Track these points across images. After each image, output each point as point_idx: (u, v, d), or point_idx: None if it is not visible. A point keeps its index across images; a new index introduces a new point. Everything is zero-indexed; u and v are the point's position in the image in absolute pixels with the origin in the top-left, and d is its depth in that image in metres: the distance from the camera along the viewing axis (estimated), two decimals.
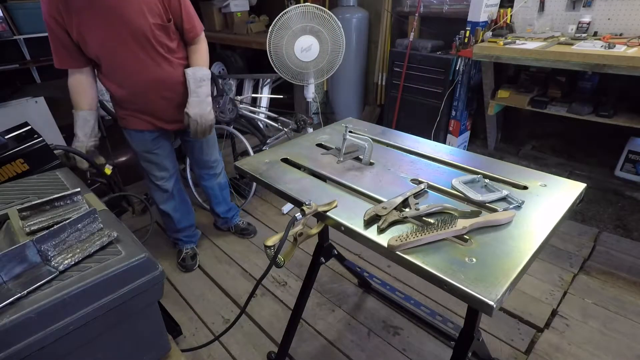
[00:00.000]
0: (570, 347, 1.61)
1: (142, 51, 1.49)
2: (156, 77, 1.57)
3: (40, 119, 2.97)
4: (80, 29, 1.39)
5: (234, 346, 1.70)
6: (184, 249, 2.20)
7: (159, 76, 1.57)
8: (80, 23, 1.38)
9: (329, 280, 2.04)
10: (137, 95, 1.61)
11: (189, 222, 2.15)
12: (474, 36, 2.64)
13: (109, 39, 1.42)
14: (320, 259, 1.40)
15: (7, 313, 0.58)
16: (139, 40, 1.46)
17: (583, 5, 2.43)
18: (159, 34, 1.50)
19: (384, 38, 3.58)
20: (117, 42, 1.44)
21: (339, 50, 2.26)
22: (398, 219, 0.84)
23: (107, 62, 1.50)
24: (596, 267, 2.03)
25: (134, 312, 0.74)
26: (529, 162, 2.99)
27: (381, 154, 1.21)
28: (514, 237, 0.78)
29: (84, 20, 1.37)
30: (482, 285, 0.66)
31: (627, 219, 2.38)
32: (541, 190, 0.96)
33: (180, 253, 2.20)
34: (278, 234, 0.82)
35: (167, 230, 2.18)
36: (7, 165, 1.12)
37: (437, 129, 3.12)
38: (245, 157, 1.23)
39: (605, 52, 2.01)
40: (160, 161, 1.84)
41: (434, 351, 1.63)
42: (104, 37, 1.42)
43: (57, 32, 1.41)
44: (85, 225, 0.73)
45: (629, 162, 2.56)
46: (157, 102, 1.63)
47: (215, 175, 2.12)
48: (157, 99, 1.63)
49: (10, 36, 3.51)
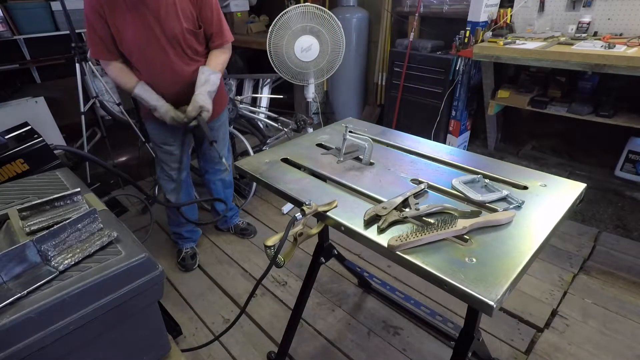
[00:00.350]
0: (570, 347, 1.61)
1: (172, 51, 1.60)
2: (182, 76, 1.66)
3: (40, 119, 2.98)
4: (118, 24, 1.49)
5: (234, 346, 1.70)
6: (184, 248, 2.20)
7: (185, 76, 1.67)
8: (119, 20, 1.49)
9: (329, 280, 2.04)
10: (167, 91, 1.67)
11: (192, 216, 2.17)
12: (474, 36, 2.64)
13: (144, 37, 1.53)
14: (320, 259, 1.40)
15: (7, 313, 0.58)
16: (171, 42, 1.58)
17: (583, 5, 2.43)
18: (189, 38, 1.62)
19: (384, 38, 3.58)
20: (151, 41, 1.55)
21: (339, 50, 2.26)
22: (398, 219, 0.84)
23: (138, 57, 1.59)
24: (596, 267, 2.03)
25: (134, 312, 0.73)
26: (529, 162, 3.00)
27: (381, 154, 1.21)
28: (514, 237, 0.78)
29: (123, 18, 1.49)
30: (482, 285, 0.66)
31: (627, 219, 2.38)
32: (541, 190, 0.96)
33: (180, 252, 2.20)
34: (278, 234, 0.82)
35: (170, 224, 2.19)
36: (7, 165, 1.12)
37: (437, 129, 3.12)
38: (246, 157, 1.23)
39: (605, 52, 2.01)
40: (176, 153, 1.90)
41: (434, 351, 1.63)
42: (139, 35, 1.52)
43: (96, 26, 1.50)
44: (85, 225, 0.73)
45: (629, 162, 2.56)
46: (181, 98, 1.69)
47: (219, 172, 2.14)
48: (181, 95, 1.69)
49: (10, 36, 3.51)
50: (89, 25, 1.51)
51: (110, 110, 3.34)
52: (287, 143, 1.36)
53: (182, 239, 2.19)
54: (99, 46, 1.55)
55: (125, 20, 1.49)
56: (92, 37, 1.54)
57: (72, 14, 2.48)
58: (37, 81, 3.91)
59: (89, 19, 1.49)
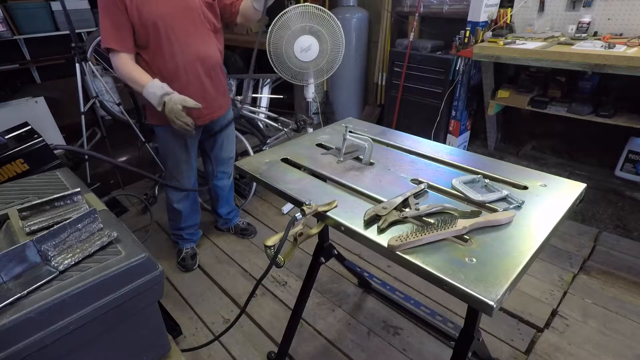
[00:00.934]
0: (570, 347, 1.61)
1: (193, 25, 1.62)
2: (203, 52, 1.67)
3: (40, 119, 2.97)
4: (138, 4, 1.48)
5: (234, 346, 1.70)
6: (184, 249, 2.19)
7: (206, 52, 1.68)
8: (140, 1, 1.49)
9: (329, 280, 2.04)
10: (183, 70, 1.65)
11: (194, 221, 2.17)
12: (474, 36, 2.64)
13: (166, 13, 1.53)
14: (320, 259, 1.39)
15: (7, 313, 0.58)
16: (192, 15, 1.60)
17: (583, 5, 2.43)
18: (207, 12, 1.66)
19: (384, 38, 3.58)
20: (173, 16, 1.56)
21: (338, 50, 2.26)
22: (398, 219, 0.84)
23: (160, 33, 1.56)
24: (596, 267, 2.03)
25: (134, 312, 0.74)
26: (529, 162, 3.00)
27: (381, 154, 1.21)
28: (514, 237, 0.78)
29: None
30: (482, 285, 0.66)
31: (627, 219, 2.38)
32: (541, 190, 0.96)
33: (180, 252, 2.20)
34: (278, 234, 0.82)
35: (170, 227, 2.18)
36: (7, 165, 1.12)
37: (437, 129, 3.12)
38: (246, 157, 1.23)
39: (605, 52, 2.01)
40: (187, 159, 1.88)
41: (434, 351, 1.63)
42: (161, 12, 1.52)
43: (113, 11, 1.47)
44: (85, 225, 0.73)
45: (629, 162, 2.56)
46: (199, 80, 1.69)
47: (228, 175, 2.14)
48: (200, 76, 1.69)
49: (10, 36, 3.51)
50: (105, 10, 1.47)
51: (110, 110, 3.34)
52: (287, 143, 1.36)
53: (182, 239, 2.19)
54: (112, 34, 1.50)
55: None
56: (105, 24, 1.49)
57: (72, 14, 2.48)
58: (37, 81, 3.91)
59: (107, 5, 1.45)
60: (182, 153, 1.84)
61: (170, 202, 2.02)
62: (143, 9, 1.49)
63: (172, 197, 2.00)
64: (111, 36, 1.51)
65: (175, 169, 1.89)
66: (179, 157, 1.85)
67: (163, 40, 1.58)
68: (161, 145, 1.85)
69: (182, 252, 2.19)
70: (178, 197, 1.99)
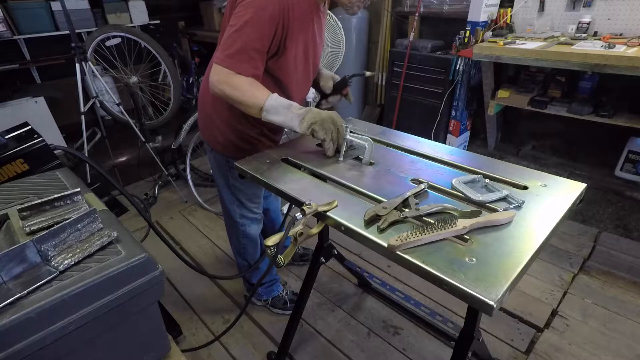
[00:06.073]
0: (570, 347, 1.61)
1: (307, 81, 1.44)
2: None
3: (40, 119, 2.97)
4: (289, 41, 1.20)
5: (234, 346, 1.70)
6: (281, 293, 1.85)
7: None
8: (296, 33, 1.21)
9: (329, 280, 2.04)
10: None
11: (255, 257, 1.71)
12: (474, 36, 2.64)
13: (302, 59, 1.31)
14: (320, 259, 1.40)
15: (7, 313, 0.58)
16: (314, 66, 1.42)
17: (583, 5, 2.43)
18: None
19: (384, 38, 3.58)
20: (304, 65, 1.34)
21: (339, 50, 2.26)
22: (398, 219, 0.84)
23: (289, 78, 1.32)
24: (596, 267, 2.03)
25: (134, 312, 0.73)
26: (529, 162, 2.99)
27: (381, 154, 1.21)
28: (514, 237, 0.78)
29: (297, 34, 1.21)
30: (482, 285, 0.66)
31: (627, 219, 2.38)
32: (541, 190, 0.96)
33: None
34: (278, 234, 0.82)
35: (245, 269, 1.71)
36: (7, 165, 1.12)
37: (437, 129, 3.12)
38: (246, 157, 1.23)
39: (605, 52, 2.01)
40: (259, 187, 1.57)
41: (434, 351, 1.63)
42: (298, 58, 1.29)
43: (264, 33, 1.13)
44: (85, 225, 0.73)
45: (629, 162, 2.55)
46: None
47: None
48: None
49: (10, 36, 3.51)
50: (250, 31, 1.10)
51: (110, 110, 3.33)
52: (287, 143, 1.36)
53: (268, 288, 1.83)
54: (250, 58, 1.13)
55: (295, 38, 1.20)
56: (244, 55, 1.13)
57: (72, 14, 2.47)
58: (37, 81, 3.90)
59: (260, 27, 1.11)
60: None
61: (242, 235, 1.64)
62: (288, 50, 1.24)
63: (249, 230, 1.62)
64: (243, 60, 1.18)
65: (255, 198, 1.57)
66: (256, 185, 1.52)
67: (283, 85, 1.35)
68: (237, 181, 1.48)
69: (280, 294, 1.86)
70: (257, 230, 1.64)
